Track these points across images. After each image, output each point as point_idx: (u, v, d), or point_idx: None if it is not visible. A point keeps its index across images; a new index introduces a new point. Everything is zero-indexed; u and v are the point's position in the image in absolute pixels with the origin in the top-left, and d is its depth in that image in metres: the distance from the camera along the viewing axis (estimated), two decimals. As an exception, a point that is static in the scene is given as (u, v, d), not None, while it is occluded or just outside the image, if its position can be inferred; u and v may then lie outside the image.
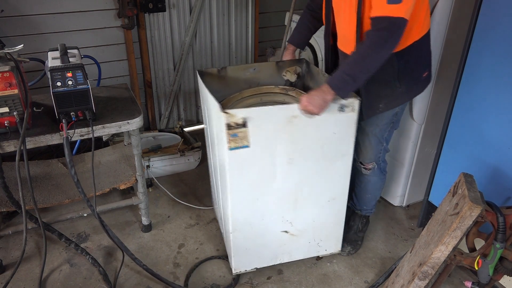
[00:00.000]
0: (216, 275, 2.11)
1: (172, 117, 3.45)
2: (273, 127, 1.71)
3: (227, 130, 1.64)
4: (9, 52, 1.81)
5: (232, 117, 1.63)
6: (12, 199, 1.88)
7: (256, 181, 1.83)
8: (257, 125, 1.67)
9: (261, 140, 1.72)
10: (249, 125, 1.66)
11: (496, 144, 1.81)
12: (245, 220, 1.92)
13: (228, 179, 1.78)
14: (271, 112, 1.70)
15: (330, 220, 2.07)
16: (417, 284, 1.58)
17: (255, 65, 2.15)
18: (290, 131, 1.73)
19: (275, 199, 1.90)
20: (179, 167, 2.92)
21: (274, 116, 1.69)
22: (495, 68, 1.75)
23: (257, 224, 1.95)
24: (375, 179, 2.13)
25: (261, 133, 1.70)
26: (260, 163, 1.78)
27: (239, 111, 1.64)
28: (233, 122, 1.63)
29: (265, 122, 1.68)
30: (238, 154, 1.71)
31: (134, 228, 2.42)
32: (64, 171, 2.31)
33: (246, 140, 1.69)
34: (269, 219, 1.95)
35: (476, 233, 1.61)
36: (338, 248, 2.19)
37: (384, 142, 2.03)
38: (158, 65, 3.19)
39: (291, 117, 1.70)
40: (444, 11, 2.00)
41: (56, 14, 2.71)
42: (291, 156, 1.80)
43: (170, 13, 3.06)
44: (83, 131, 1.86)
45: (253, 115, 1.65)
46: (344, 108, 1.72)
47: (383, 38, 1.55)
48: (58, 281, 2.06)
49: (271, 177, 1.83)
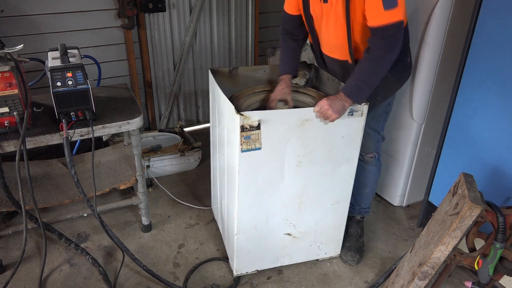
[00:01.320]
0: (216, 275, 2.11)
1: (172, 117, 3.45)
2: (285, 129, 1.71)
3: (241, 132, 1.63)
4: (9, 52, 1.81)
5: (247, 119, 1.61)
6: (12, 199, 1.88)
7: (264, 183, 1.82)
8: (270, 127, 1.67)
9: (273, 142, 1.72)
10: (262, 127, 1.66)
11: (496, 144, 1.81)
12: (250, 222, 1.91)
13: (237, 181, 1.77)
14: (285, 115, 1.70)
15: (332, 223, 2.08)
16: (417, 284, 1.58)
17: (266, 67, 2.16)
18: (301, 134, 1.74)
19: (281, 202, 1.91)
20: (179, 167, 2.92)
21: (288, 119, 1.70)
22: (495, 68, 1.75)
23: (261, 227, 1.94)
24: (374, 169, 2.16)
25: (273, 135, 1.70)
26: (270, 165, 1.78)
27: (254, 113, 1.63)
28: (247, 124, 1.62)
29: (278, 124, 1.68)
30: (249, 156, 1.71)
31: (134, 228, 2.42)
32: (64, 171, 2.31)
33: (258, 142, 1.68)
34: (274, 222, 1.95)
35: (476, 233, 1.61)
36: (337, 251, 2.20)
37: (381, 131, 2.10)
38: (158, 65, 3.19)
39: (303, 121, 1.71)
40: (444, 11, 2.00)
41: (56, 14, 2.71)
42: (300, 159, 1.80)
43: (170, 13, 3.06)
44: (83, 131, 1.86)
45: (267, 118, 1.65)
46: (353, 112, 1.75)
47: (392, 44, 1.64)
48: (58, 281, 2.06)
49: (279, 179, 1.84)
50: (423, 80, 2.16)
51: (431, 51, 2.08)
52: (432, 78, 2.16)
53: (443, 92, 2.21)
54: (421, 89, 2.19)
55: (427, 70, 2.13)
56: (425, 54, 2.10)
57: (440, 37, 2.06)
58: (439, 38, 2.06)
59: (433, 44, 2.06)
